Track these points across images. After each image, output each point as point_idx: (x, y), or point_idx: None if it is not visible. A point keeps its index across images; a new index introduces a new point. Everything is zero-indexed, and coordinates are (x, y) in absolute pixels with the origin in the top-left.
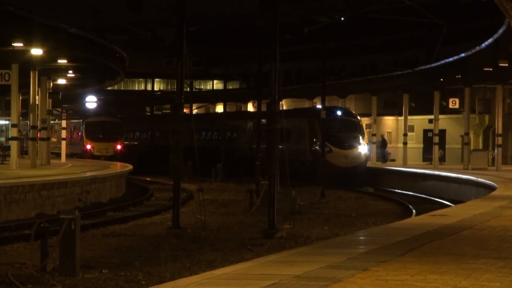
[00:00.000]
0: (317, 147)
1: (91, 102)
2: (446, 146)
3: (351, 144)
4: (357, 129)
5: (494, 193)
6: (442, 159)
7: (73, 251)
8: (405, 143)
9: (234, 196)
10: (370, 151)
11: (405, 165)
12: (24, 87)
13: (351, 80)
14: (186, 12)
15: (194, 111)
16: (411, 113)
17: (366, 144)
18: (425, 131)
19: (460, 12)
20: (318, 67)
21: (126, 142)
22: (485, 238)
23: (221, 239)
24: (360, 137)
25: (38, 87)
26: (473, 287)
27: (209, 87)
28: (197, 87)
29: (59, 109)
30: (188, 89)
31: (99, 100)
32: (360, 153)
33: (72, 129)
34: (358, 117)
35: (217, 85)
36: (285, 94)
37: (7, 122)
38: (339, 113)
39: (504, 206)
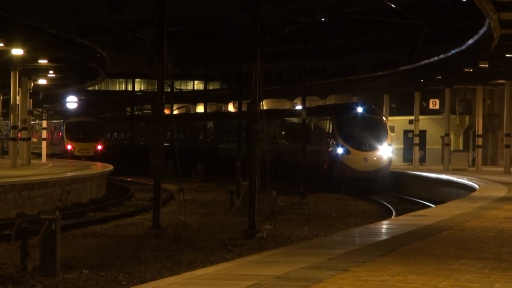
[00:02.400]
0: (332, 149)
1: (71, 102)
2: (427, 146)
3: (372, 145)
4: (379, 128)
5: (474, 194)
6: (422, 159)
7: (54, 251)
8: None
9: (215, 197)
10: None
11: None
12: (4, 87)
13: (332, 80)
14: (167, 13)
15: (175, 112)
16: (391, 114)
17: (389, 145)
18: (406, 132)
19: (440, 13)
20: (299, 68)
21: (107, 142)
22: (465, 239)
23: (201, 240)
24: (383, 137)
25: (18, 87)
26: (453, 287)
27: (189, 87)
28: (177, 87)
29: (40, 109)
30: (169, 90)
31: (79, 100)
32: (382, 155)
33: (52, 129)
34: (383, 115)
35: (198, 85)
36: (265, 95)
37: None
38: (359, 110)
39: (484, 207)
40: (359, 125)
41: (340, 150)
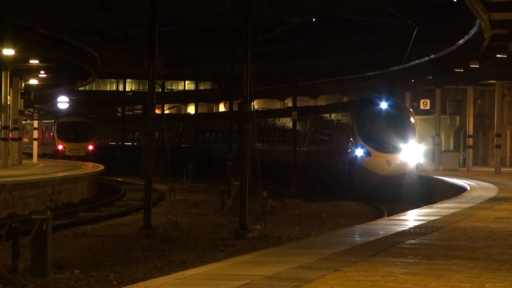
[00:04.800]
0: (350, 150)
1: (63, 102)
2: None
3: (396, 146)
4: (405, 127)
5: (464, 194)
6: None
7: (45, 251)
8: None
9: (206, 197)
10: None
11: None
12: None
13: (323, 81)
14: (158, 13)
15: (166, 112)
16: None
17: (416, 146)
18: None
19: (431, 14)
20: (290, 68)
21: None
22: (456, 239)
23: (192, 240)
24: (410, 137)
25: (9, 87)
26: (444, 287)
27: (181, 87)
28: (169, 87)
29: (31, 109)
30: (160, 90)
31: (71, 100)
32: (408, 158)
33: (44, 130)
34: (410, 111)
35: (189, 85)
36: (256, 95)
37: None
38: (383, 105)
39: (475, 207)
40: (382, 122)
41: (359, 152)
